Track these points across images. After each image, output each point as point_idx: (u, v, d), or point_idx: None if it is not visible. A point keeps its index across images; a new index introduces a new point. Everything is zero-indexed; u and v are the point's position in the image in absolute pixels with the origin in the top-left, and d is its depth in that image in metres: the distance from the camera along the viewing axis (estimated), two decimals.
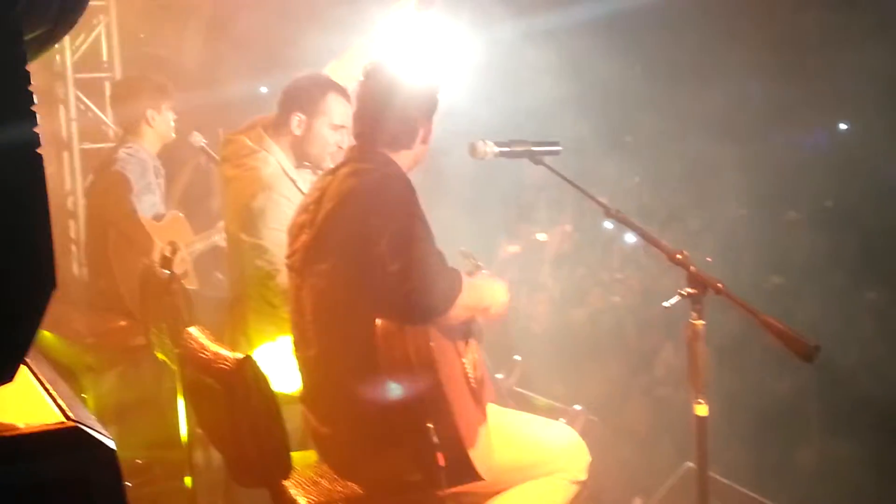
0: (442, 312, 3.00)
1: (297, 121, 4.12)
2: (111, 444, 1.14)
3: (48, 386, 1.27)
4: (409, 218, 3.01)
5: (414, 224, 3.01)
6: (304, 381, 3.29)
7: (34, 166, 1.20)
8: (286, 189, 4.05)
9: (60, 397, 1.23)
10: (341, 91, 4.11)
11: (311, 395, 3.25)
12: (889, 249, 6.33)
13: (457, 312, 3.06)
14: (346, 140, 4.00)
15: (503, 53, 6.43)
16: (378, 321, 2.96)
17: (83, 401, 1.74)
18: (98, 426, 1.17)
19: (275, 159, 4.13)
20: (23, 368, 1.30)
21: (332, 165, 4.03)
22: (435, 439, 2.86)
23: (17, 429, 1.13)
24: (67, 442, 1.12)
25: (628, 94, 6.90)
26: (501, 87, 6.46)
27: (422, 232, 3.01)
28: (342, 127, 4.08)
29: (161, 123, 5.44)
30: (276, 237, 3.77)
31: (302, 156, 4.16)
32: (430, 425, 2.86)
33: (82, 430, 1.13)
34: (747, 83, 7.50)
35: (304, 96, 4.13)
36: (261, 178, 4.06)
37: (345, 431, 3.11)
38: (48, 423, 1.16)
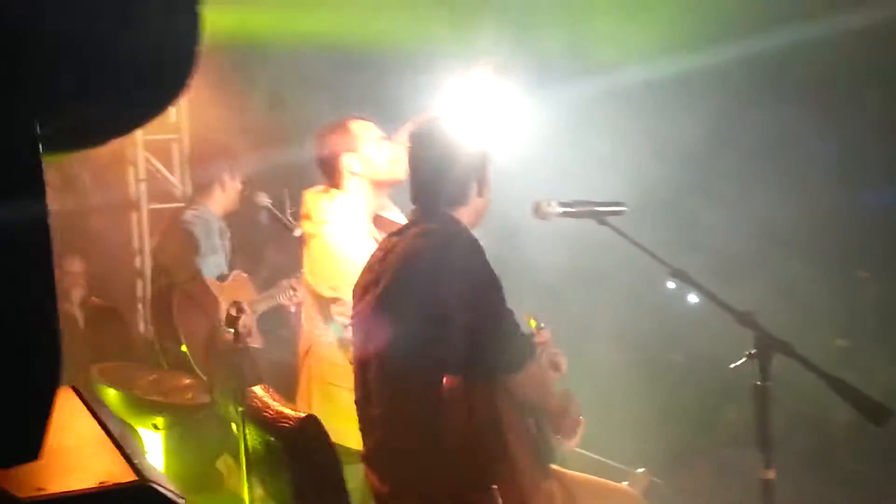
0: (514, 371, 2.99)
1: (352, 161, 4.19)
2: (183, 502, 1.15)
3: (120, 443, 1.29)
4: (480, 276, 3.02)
5: (485, 282, 3.02)
6: (366, 440, 3.28)
7: (41, 239, 1.19)
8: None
9: (133, 455, 1.25)
10: (354, 117, 4.28)
11: (374, 454, 3.24)
12: None
13: (527, 383, 3.03)
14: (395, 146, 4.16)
15: (569, 113, 6.47)
16: (445, 380, 2.96)
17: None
18: (169, 485, 1.18)
19: (354, 211, 4.20)
20: (95, 425, 1.32)
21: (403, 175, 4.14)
22: (499, 502, 2.83)
23: (92, 487, 1.15)
24: (140, 501, 1.14)
25: (691, 153, 6.87)
26: (565, 146, 6.49)
27: (493, 290, 3.02)
28: (384, 138, 4.22)
29: (231, 189, 5.61)
30: None
31: (379, 186, 4.23)
32: (494, 486, 2.83)
33: (155, 488, 1.15)
34: (815, 141, 7.44)
35: (340, 139, 4.23)
36: (346, 234, 4.12)
37: (407, 491, 3.10)
38: (121, 481, 1.17)
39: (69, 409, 1.41)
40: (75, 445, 1.26)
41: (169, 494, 1.15)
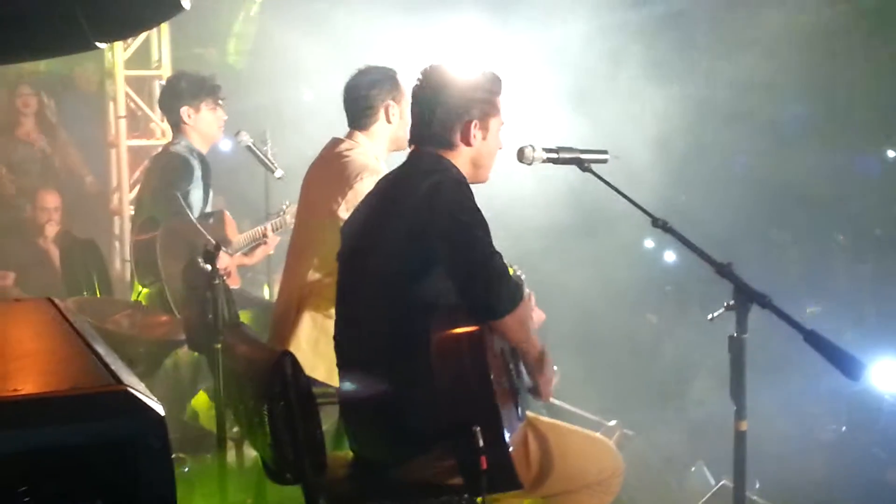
0: (503, 314, 2.97)
1: (392, 110, 4.22)
2: (160, 409, 1.14)
3: (100, 352, 1.27)
4: (467, 217, 3.00)
5: (471, 223, 3.00)
6: (345, 374, 3.27)
7: None
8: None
9: (110, 362, 1.23)
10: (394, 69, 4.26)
11: (354, 388, 3.22)
12: None
13: (513, 326, 3.03)
14: None
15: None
16: (432, 319, 2.95)
17: None
18: (147, 392, 1.17)
19: (372, 153, 4.23)
20: (72, 333, 1.30)
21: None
22: (480, 443, 2.82)
23: (69, 390, 1.13)
24: (117, 404, 1.12)
25: (686, 110, 6.86)
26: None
27: (483, 233, 3.00)
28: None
29: (201, 122, 5.41)
30: None
31: (397, 142, 4.25)
32: (476, 428, 2.82)
33: (131, 393, 1.13)
34: (795, 107, 7.43)
35: (390, 87, 4.22)
36: (366, 162, 4.14)
37: (385, 428, 3.09)
38: (96, 385, 1.15)
39: (46, 318, 1.39)
40: (51, 350, 1.23)
41: (146, 400, 1.13)
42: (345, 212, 4.01)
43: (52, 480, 1.04)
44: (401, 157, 3.45)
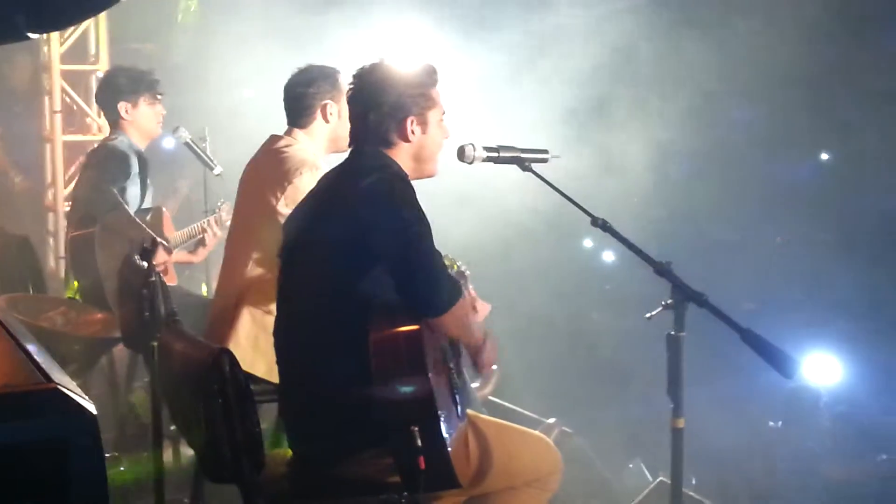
0: (442, 311, 2.98)
1: (330, 109, 4.19)
2: (91, 407, 1.11)
3: (30, 350, 1.25)
4: (407, 213, 3.00)
5: (415, 222, 2.99)
6: (284, 372, 3.25)
7: None
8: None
9: (41, 361, 1.21)
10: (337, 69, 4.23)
11: (293, 386, 3.21)
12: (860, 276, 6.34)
13: (452, 323, 3.03)
14: None
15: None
16: (372, 317, 2.94)
17: None
18: (78, 390, 1.14)
19: (312, 150, 4.19)
20: (3, 333, 1.27)
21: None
22: (419, 442, 2.82)
23: None
24: (47, 403, 1.10)
25: (623, 114, 6.92)
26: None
27: (423, 230, 3.00)
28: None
29: (139, 118, 5.32)
30: None
31: (336, 142, 4.20)
32: (414, 428, 2.82)
33: (63, 392, 1.11)
34: (738, 110, 7.53)
35: (329, 86, 4.19)
36: (305, 158, 4.10)
37: (324, 426, 3.07)
38: (27, 383, 1.13)
39: None
40: None
41: (78, 399, 1.11)
42: (284, 207, 3.98)
43: None
44: (343, 156, 3.43)
